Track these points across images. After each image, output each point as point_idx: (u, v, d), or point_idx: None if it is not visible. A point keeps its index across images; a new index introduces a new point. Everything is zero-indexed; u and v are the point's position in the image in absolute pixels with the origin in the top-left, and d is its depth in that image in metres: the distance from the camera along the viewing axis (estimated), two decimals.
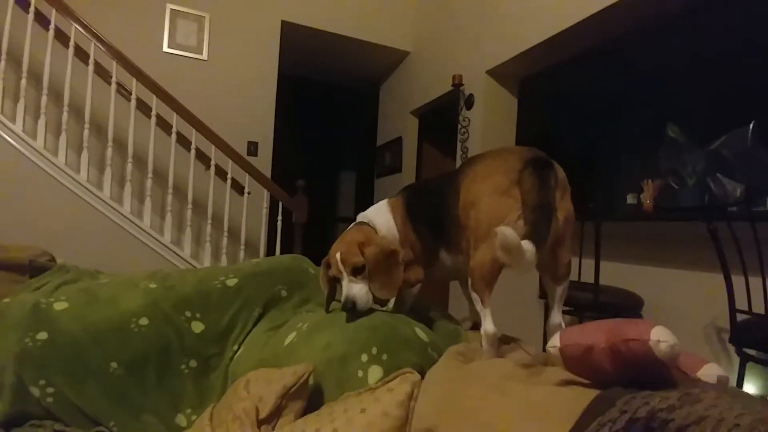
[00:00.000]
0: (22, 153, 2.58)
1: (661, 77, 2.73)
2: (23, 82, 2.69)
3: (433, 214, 1.16)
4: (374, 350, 0.96)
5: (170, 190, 2.97)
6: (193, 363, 1.23)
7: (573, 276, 2.37)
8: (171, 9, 3.63)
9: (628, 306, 2.29)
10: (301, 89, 5.63)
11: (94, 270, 1.60)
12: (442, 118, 4.44)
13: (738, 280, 1.65)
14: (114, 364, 1.15)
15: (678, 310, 2.26)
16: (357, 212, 1.37)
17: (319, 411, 0.73)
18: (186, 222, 3.03)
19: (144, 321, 1.22)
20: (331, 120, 6.55)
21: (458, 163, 3.89)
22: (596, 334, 0.61)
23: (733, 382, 1.67)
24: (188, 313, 1.27)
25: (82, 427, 1.07)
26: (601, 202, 3.42)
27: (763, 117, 2.07)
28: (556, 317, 1.06)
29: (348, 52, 4.69)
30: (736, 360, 1.63)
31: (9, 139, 2.55)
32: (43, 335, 1.13)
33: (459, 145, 3.84)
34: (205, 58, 3.73)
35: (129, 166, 2.88)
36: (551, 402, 0.62)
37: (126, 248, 2.76)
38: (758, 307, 1.58)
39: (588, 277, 2.29)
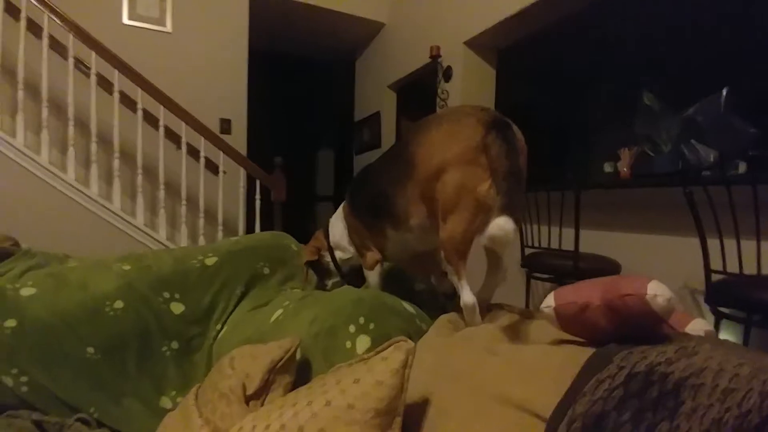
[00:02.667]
0: None
1: (636, 46, 2.74)
2: None
3: (374, 195, 1.14)
4: (361, 320, 0.94)
5: (140, 171, 2.85)
6: (174, 344, 1.19)
7: (553, 244, 2.42)
8: None
9: (606, 272, 2.34)
10: (274, 64, 5.46)
11: (62, 254, 1.52)
12: (421, 91, 4.37)
13: (713, 243, 1.69)
14: (90, 349, 1.10)
15: (654, 274, 2.32)
16: (336, 191, 1.46)
17: (311, 384, 0.71)
18: (159, 204, 2.92)
19: (119, 304, 1.17)
20: (306, 96, 6.38)
21: None
22: (591, 291, 0.60)
23: None
24: (166, 294, 1.23)
25: (61, 415, 1.03)
26: (579, 171, 3.47)
27: (736, 83, 2.11)
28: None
29: (321, 24, 4.54)
30: (711, 318, 1.68)
31: None
32: (11, 323, 1.07)
33: None
34: (169, 31, 3.54)
35: (93, 146, 2.74)
36: (545, 361, 0.61)
37: (95, 232, 2.65)
38: (732, 267, 1.63)
39: (567, 245, 2.32)
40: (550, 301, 0.62)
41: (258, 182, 3.15)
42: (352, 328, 0.93)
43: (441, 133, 0.98)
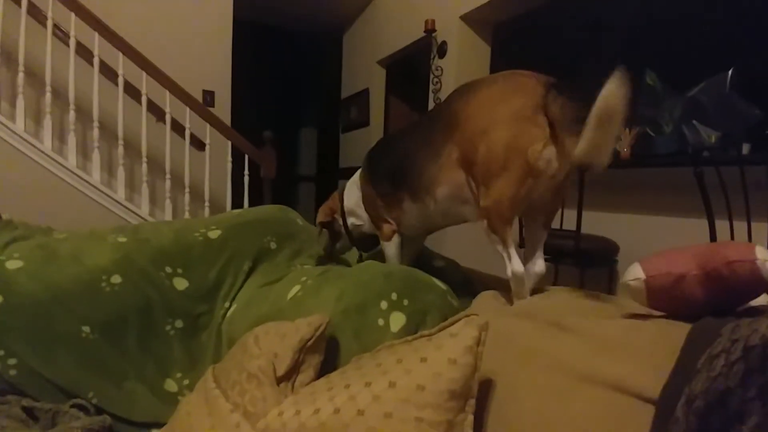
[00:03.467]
0: None
1: (639, 24, 2.69)
2: None
3: (399, 159, 1.06)
4: (394, 296, 0.87)
5: (120, 142, 2.67)
6: (179, 323, 1.09)
7: (554, 224, 2.39)
8: None
9: (605, 252, 2.33)
10: (258, 36, 5.23)
11: (46, 227, 1.39)
12: (412, 67, 4.26)
13: (720, 225, 1.69)
14: (86, 328, 0.99)
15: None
16: (319, 171, 1.41)
17: (358, 364, 0.64)
18: (141, 178, 2.76)
19: (116, 279, 1.06)
20: (291, 71, 6.15)
21: None
22: (685, 260, 0.54)
23: None
24: (168, 269, 1.13)
25: (55, 401, 0.93)
26: None
27: (741, 64, 2.09)
28: (541, 264, 0.95)
29: None
30: None
31: None
32: None
33: (431, 96, 3.71)
34: None
35: (71, 115, 2.54)
36: (632, 337, 0.55)
37: (72, 205, 2.47)
38: None
39: (568, 225, 2.30)
40: (637, 273, 0.56)
41: (246, 158, 3.01)
42: (383, 305, 0.86)
43: (493, 91, 0.90)
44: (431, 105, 3.72)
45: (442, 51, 3.61)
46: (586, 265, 2.27)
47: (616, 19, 2.86)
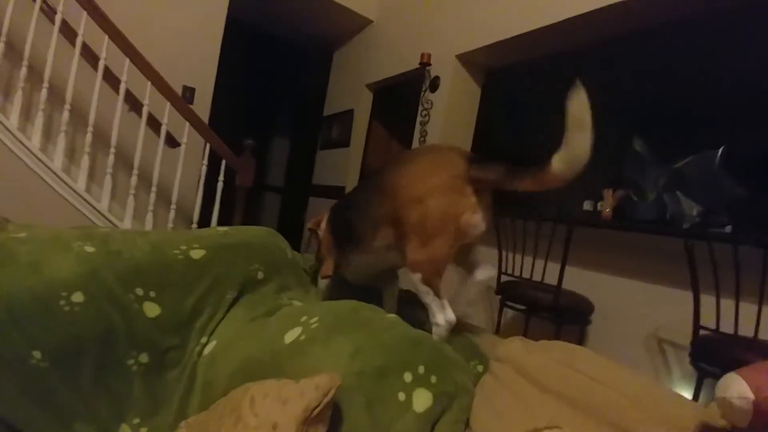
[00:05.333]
0: None
1: (628, 90, 2.79)
2: None
3: (344, 219, 1.19)
4: (421, 369, 0.77)
5: (90, 129, 2.44)
6: (143, 357, 0.94)
7: (526, 274, 2.38)
8: None
9: (580, 310, 2.33)
10: (248, 37, 5.07)
11: (1, 217, 1.20)
12: (402, 96, 4.25)
13: (704, 299, 1.70)
14: (37, 354, 0.82)
15: (627, 320, 2.35)
16: (287, 183, 1.63)
17: None
18: (105, 170, 2.52)
19: (78, 297, 0.90)
20: (274, 79, 6.01)
21: (413, 144, 3.75)
22: None
23: (688, 395, 1.74)
24: (140, 291, 0.97)
25: None
26: (556, 205, 3.50)
27: (731, 144, 2.17)
28: (491, 269, 1.17)
29: (307, 7, 4.28)
30: (694, 375, 1.68)
31: None
32: None
33: (418, 127, 3.69)
34: None
35: (43, 93, 2.31)
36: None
37: (31, 191, 2.21)
38: (710, 323, 1.64)
39: (538, 276, 2.29)
40: (743, 391, 0.49)
41: (223, 163, 2.83)
42: (407, 377, 0.76)
43: (424, 165, 1.05)
44: (416, 135, 3.70)
45: (434, 85, 3.62)
46: (561, 322, 2.25)
47: (607, 81, 2.96)
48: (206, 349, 0.96)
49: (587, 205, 2.76)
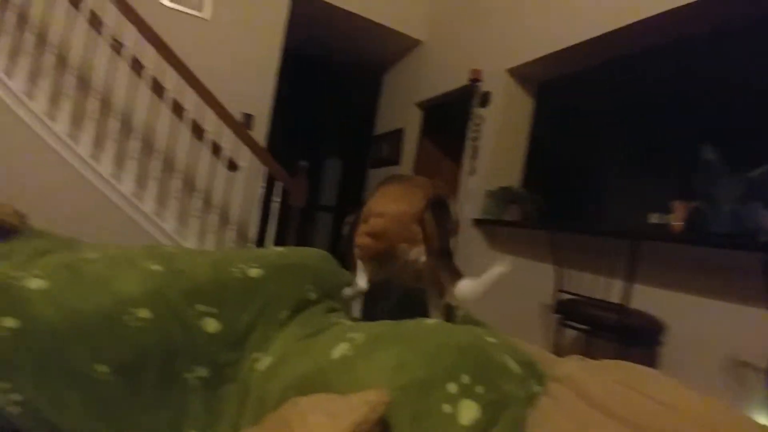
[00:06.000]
0: None
1: (697, 96, 2.62)
2: (5, 17, 2.30)
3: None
4: (466, 379, 0.75)
5: (156, 155, 2.64)
6: (202, 371, 0.97)
7: (587, 291, 2.25)
8: None
9: (649, 330, 2.17)
10: (300, 65, 5.31)
11: (72, 239, 1.31)
12: (452, 113, 4.24)
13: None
14: (102, 367, 0.88)
15: (701, 340, 2.15)
16: (339, 202, 1.68)
17: None
18: (170, 192, 2.70)
19: (144, 313, 0.95)
20: (326, 102, 6.22)
21: (464, 161, 3.72)
22: None
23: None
24: (200, 307, 1.01)
25: None
26: (620, 219, 3.32)
27: None
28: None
29: (357, 33, 4.42)
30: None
31: None
32: (11, 322, 0.84)
33: (469, 143, 3.66)
34: (207, 18, 3.39)
35: (112, 123, 2.53)
36: None
37: (102, 213, 2.42)
38: None
39: (602, 294, 2.16)
40: None
41: (278, 184, 2.95)
42: (452, 388, 0.73)
43: (393, 189, 1.19)
44: (467, 151, 3.67)
45: (485, 100, 3.59)
46: (628, 342, 2.11)
47: (672, 89, 2.80)
48: (259, 365, 0.98)
49: (654, 218, 2.59)
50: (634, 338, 2.11)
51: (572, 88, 3.52)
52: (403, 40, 4.43)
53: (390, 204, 1.17)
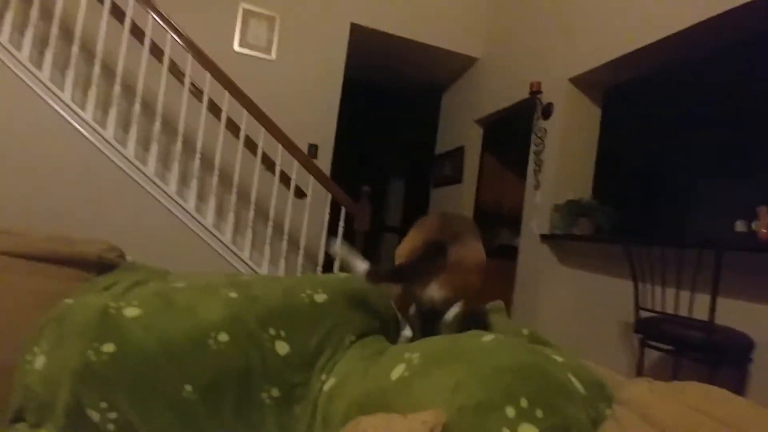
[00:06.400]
0: (93, 143, 2.54)
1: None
2: (96, 70, 2.65)
3: None
4: (524, 402, 0.73)
5: (234, 190, 2.87)
6: (275, 391, 1.04)
7: (669, 308, 2.08)
8: (244, 8, 3.60)
9: (738, 348, 1.97)
10: (360, 92, 5.51)
11: (163, 269, 1.46)
12: (512, 127, 4.18)
13: None
14: (188, 387, 0.97)
15: None
16: (404, 223, 1.67)
17: None
18: (247, 223, 2.91)
19: (224, 337, 1.04)
20: (387, 125, 6.39)
21: (528, 175, 3.63)
22: None
23: None
24: (272, 331, 1.09)
25: None
26: (700, 227, 3.06)
27: None
28: None
29: (413, 57, 4.53)
30: None
31: (79, 128, 2.52)
32: (110, 347, 0.97)
33: (532, 156, 3.57)
34: (273, 58, 3.66)
35: (196, 162, 2.80)
36: None
37: (187, 245, 2.66)
38: None
39: (687, 311, 1.98)
40: None
41: (343, 209, 3.07)
42: (510, 412, 0.73)
43: (412, 229, 1.28)
44: (530, 165, 3.58)
45: (547, 112, 3.50)
46: (716, 362, 1.92)
47: (747, 89, 2.56)
48: (326, 386, 1.03)
49: (740, 226, 2.36)
50: (723, 357, 1.92)
51: (643, 92, 3.33)
52: (460, 59, 4.47)
53: (405, 241, 1.28)
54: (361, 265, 1.16)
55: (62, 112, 2.50)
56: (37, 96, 2.45)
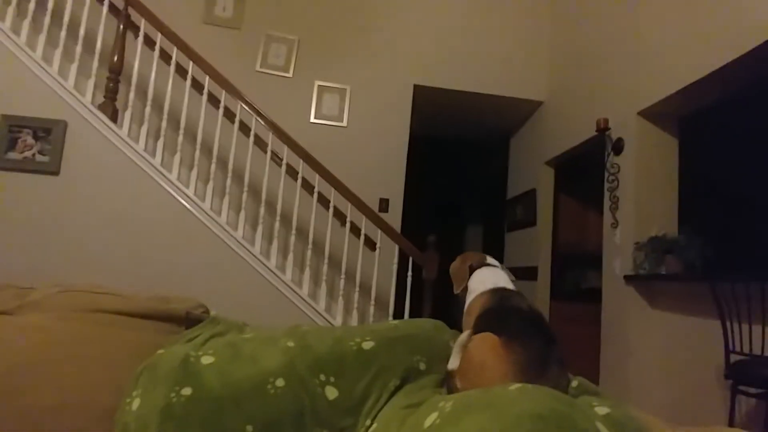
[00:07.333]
0: (192, 213, 2.97)
1: None
2: (197, 153, 3.15)
3: None
4: None
5: (310, 246, 3.13)
6: None
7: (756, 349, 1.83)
8: (318, 85, 4.04)
9: None
10: (429, 145, 5.73)
11: (242, 322, 1.66)
12: (583, 166, 4.07)
13: None
14: (249, 428, 1.10)
15: None
16: None
17: None
18: (322, 276, 3.13)
19: (280, 382, 1.18)
20: (459, 174, 6.50)
21: (604, 214, 3.47)
22: None
23: None
24: (323, 377, 1.20)
25: None
26: None
27: None
28: None
29: (478, 108, 4.66)
30: None
31: (182, 201, 2.97)
32: (187, 391, 1.14)
33: (607, 194, 3.43)
34: (345, 125, 4.01)
35: (276, 224, 3.12)
36: None
37: (270, 300, 2.93)
38: None
39: None
40: None
41: (411, 259, 3.18)
42: None
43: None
44: (608, 203, 3.43)
45: (617, 148, 3.39)
46: None
47: None
48: (370, 431, 1.11)
49: None
50: None
51: (725, 116, 3.10)
52: (525, 104, 4.51)
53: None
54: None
55: (169, 190, 2.97)
56: (149, 177, 2.95)
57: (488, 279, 1.34)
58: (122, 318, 1.42)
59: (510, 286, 1.30)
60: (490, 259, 1.41)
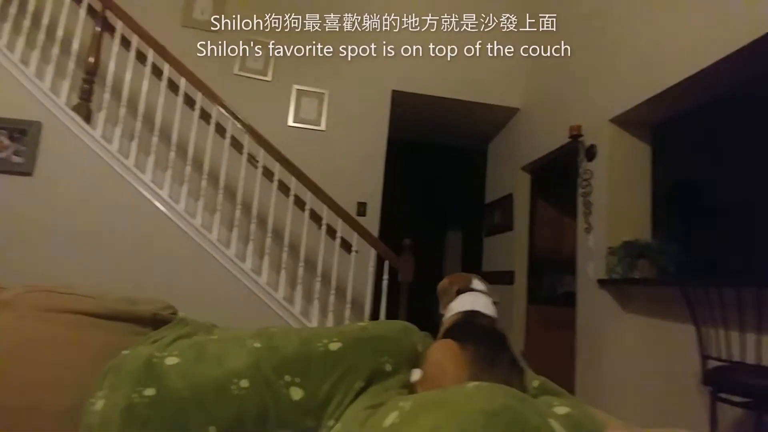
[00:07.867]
0: (166, 215, 2.93)
1: None
2: (172, 154, 3.11)
3: None
4: None
5: (285, 249, 3.12)
6: None
7: (747, 356, 1.89)
8: (296, 89, 4.04)
9: None
10: (407, 151, 5.76)
11: (210, 324, 1.64)
12: (558, 172, 4.14)
13: None
14: (212, 429, 1.09)
15: None
16: (463, 271, 1.56)
17: None
18: (298, 279, 3.12)
19: (245, 383, 1.17)
20: (436, 180, 6.55)
21: (578, 219, 3.54)
22: None
23: None
24: (288, 377, 1.20)
25: None
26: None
27: None
28: None
29: (456, 114, 4.72)
30: None
31: (156, 203, 2.93)
32: (150, 391, 1.12)
33: (580, 199, 3.51)
34: (323, 129, 4.02)
35: (253, 226, 3.10)
36: None
37: (245, 303, 2.91)
38: None
39: (750, 357, 1.80)
40: None
41: (387, 263, 3.19)
42: None
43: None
44: (581, 208, 3.50)
45: (590, 154, 3.47)
46: None
47: None
48: (332, 431, 1.11)
49: None
50: None
51: (697, 123, 3.20)
52: (502, 111, 4.59)
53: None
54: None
55: (143, 191, 2.93)
56: (122, 178, 2.90)
57: (467, 303, 1.39)
58: (90, 319, 1.39)
59: (486, 310, 1.36)
60: (476, 283, 1.46)
